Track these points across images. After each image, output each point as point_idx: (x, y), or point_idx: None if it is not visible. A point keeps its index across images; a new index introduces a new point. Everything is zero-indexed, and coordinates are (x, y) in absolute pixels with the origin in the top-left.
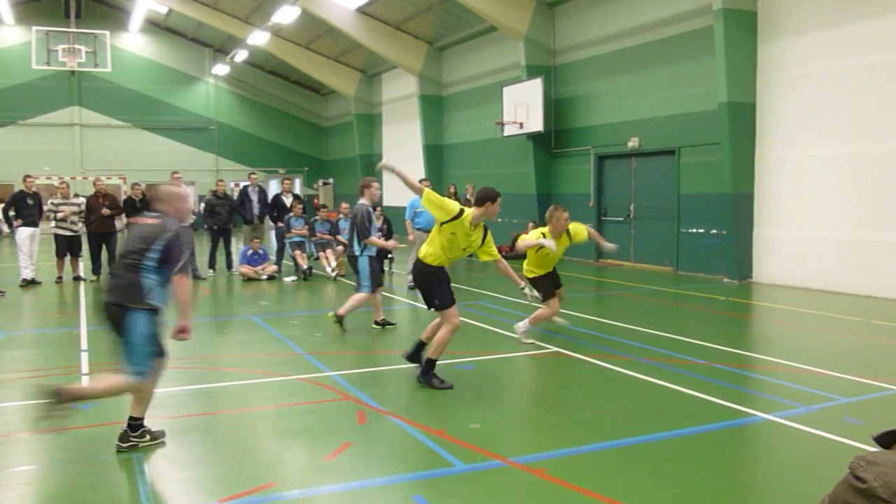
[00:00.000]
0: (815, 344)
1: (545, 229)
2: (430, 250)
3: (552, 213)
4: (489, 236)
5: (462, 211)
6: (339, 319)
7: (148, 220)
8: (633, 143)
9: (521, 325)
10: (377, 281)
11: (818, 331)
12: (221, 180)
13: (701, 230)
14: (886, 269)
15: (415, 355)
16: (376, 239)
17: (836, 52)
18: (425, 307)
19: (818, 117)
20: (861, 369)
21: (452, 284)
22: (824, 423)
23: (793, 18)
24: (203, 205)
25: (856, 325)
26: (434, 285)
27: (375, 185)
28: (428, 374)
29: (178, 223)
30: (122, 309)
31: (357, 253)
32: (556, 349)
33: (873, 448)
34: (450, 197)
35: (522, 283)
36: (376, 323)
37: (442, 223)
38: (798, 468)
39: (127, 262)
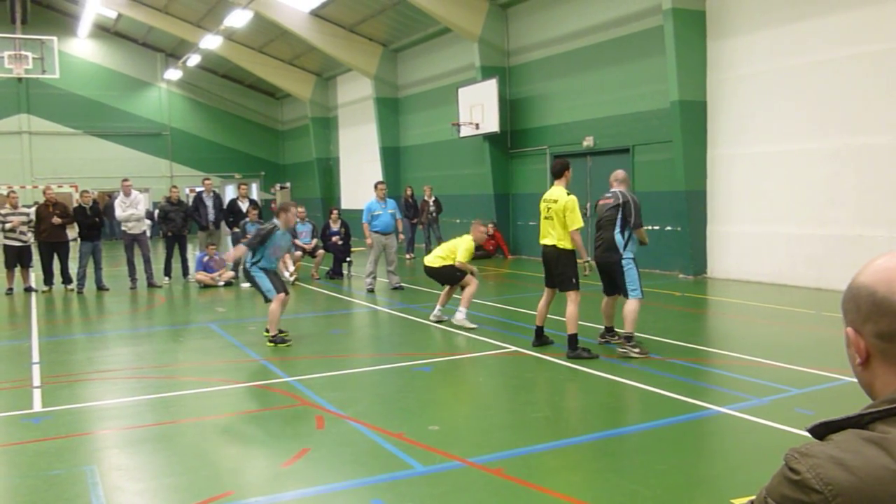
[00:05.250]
0: (767, 337)
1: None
2: (562, 234)
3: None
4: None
5: (569, 195)
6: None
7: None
8: (588, 142)
9: (459, 315)
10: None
11: (771, 324)
12: (175, 186)
13: (656, 227)
14: (836, 263)
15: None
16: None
17: (783, 50)
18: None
19: (767, 114)
20: (811, 360)
21: (413, 286)
22: (776, 414)
23: (740, 17)
24: (157, 211)
25: (807, 317)
26: (574, 267)
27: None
28: (575, 350)
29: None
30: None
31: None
32: (514, 348)
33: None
34: (406, 200)
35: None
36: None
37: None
38: (752, 460)
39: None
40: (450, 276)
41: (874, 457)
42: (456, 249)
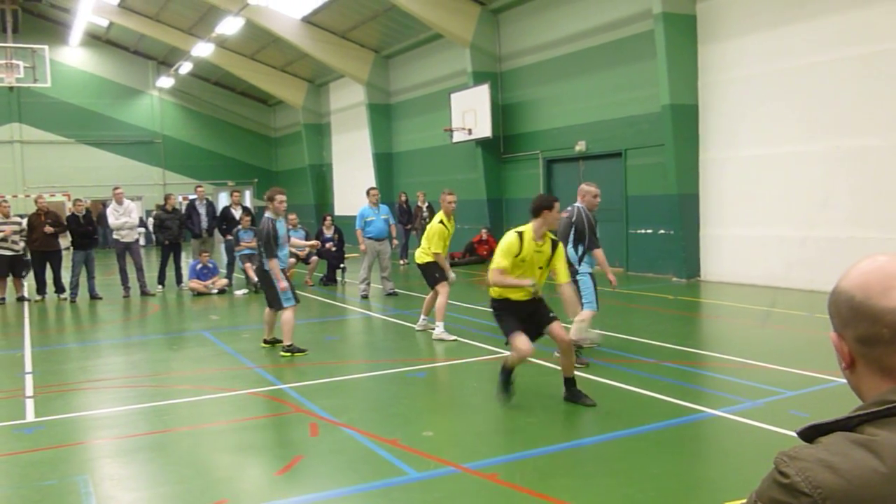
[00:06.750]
0: (760, 339)
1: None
2: (497, 288)
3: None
4: (559, 251)
5: (521, 234)
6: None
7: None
8: (581, 146)
9: (437, 330)
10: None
11: (764, 326)
12: (171, 194)
13: (649, 231)
14: (828, 265)
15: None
16: None
17: (772, 53)
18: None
19: (758, 117)
20: (805, 363)
21: (407, 292)
22: (771, 416)
23: (730, 21)
24: (151, 220)
25: (800, 319)
26: (500, 318)
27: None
28: (501, 382)
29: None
30: None
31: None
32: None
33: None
34: (401, 205)
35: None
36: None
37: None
38: (746, 462)
39: None
40: (430, 276)
41: (862, 459)
42: (432, 237)
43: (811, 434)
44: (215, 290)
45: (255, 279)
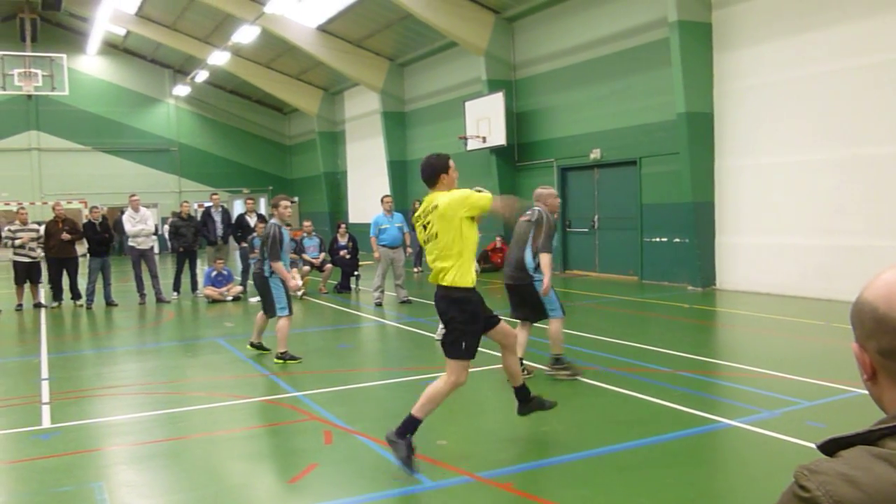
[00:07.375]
0: (777, 348)
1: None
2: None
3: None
4: (452, 196)
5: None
6: None
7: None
8: (595, 154)
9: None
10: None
11: (780, 335)
12: (186, 201)
13: (664, 239)
14: (845, 273)
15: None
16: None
17: (788, 61)
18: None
19: (774, 125)
20: (822, 372)
21: (422, 300)
22: (787, 427)
23: (746, 29)
24: (167, 227)
25: (816, 328)
26: (469, 326)
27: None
28: (398, 433)
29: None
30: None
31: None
32: (523, 362)
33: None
34: (415, 213)
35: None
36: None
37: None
38: (763, 473)
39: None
40: None
41: (884, 473)
42: None
43: (831, 447)
44: (230, 298)
45: None
